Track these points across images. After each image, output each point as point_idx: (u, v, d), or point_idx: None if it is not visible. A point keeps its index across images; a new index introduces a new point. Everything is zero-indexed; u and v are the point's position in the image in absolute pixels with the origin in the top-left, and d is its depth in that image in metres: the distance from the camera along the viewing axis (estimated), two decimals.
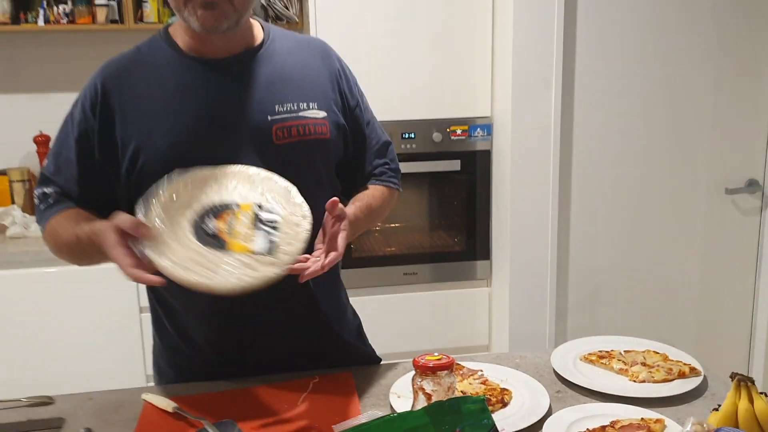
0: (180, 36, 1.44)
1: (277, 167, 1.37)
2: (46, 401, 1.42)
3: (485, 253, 2.97)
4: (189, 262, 1.16)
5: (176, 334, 1.53)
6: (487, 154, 2.88)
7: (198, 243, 1.19)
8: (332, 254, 1.27)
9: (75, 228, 1.36)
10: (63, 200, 1.44)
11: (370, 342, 1.71)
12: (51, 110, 3.06)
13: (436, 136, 2.82)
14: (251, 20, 1.47)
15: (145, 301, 2.56)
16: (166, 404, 1.35)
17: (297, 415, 1.32)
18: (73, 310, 2.73)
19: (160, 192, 1.25)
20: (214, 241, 1.20)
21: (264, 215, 1.25)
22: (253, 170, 1.33)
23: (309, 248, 1.27)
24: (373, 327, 1.74)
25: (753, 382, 1.20)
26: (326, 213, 1.30)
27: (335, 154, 1.51)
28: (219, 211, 1.25)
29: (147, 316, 1.68)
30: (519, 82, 2.67)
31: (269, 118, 1.40)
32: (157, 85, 1.40)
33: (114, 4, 2.92)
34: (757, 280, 3.02)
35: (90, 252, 1.31)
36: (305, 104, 1.44)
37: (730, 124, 2.90)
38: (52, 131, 2.96)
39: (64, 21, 2.92)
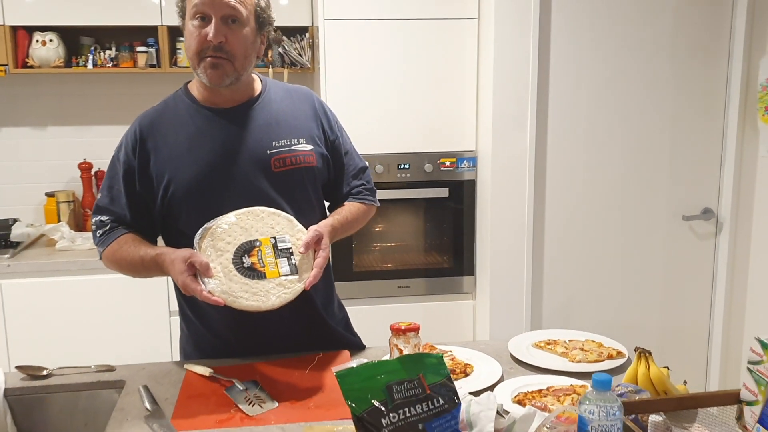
0: (196, 90, 1.80)
1: (277, 190, 1.75)
2: (109, 368, 1.77)
3: (470, 270, 3.21)
4: (242, 292, 1.57)
5: (200, 323, 1.86)
6: (472, 183, 3.14)
7: (244, 278, 1.59)
8: (320, 260, 1.65)
9: (138, 250, 1.69)
10: (117, 227, 1.77)
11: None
12: (94, 141, 3.52)
13: (428, 167, 3.09)
14: (252, 75, 1.83)
15: (174, 306, 2.94)
16: (204, 370, 1.71)
17: (306, 378, 1.69)
18: (113, 311, 3.04)
19: (204, 241, 1.63)
20: (254, 273, 1.60)
21: (280, 245, 1.64)
22: (258, 210, 1.67)
23: None
24: (370, 333, 2.02)
25: (650, 353, 1.56)
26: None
27: (320, 177, 1.86)
28: (248, 249, 1.63)
29: (175, 319, 2.03)
30: (499, 122, 2.95)
31: (268, 151, 1.76)
32: (181, 130, 1.76)
33: (153, 51, 3.28)
34: (713, 296, 3.26)
35: (151, 271, 1.69)
36: (296, 140, 1.79)
37: (687, 159, 3.15)
38: (95, 159, 3.42)
39: (110, 65, 3.29)
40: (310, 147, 1.81)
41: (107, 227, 1.77)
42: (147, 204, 1.77)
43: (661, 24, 3.05)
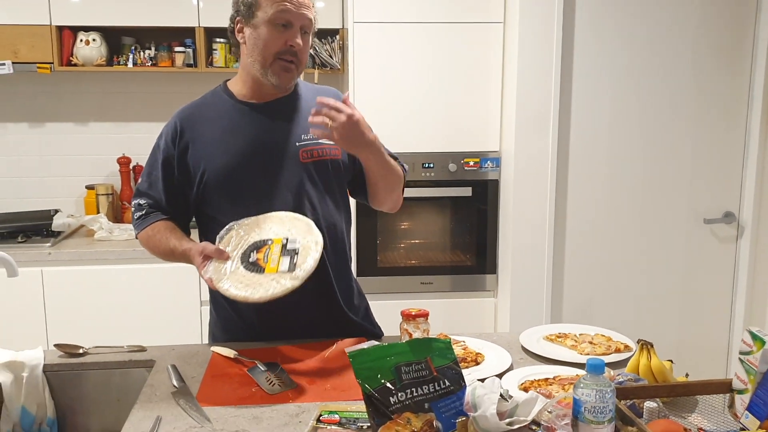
0: (235, 87, 1.92)
1: (304, 180, 1.85)
2: (141, 349, 1.87)
3: (492, 268, 3.26)
4: (236, 283, 1.67)
5: (229, 308, 1.96)
6: (495, 183, 3.20)
7: (245, 270, 1.69)
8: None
9: (169, 240, 1.84)
10: (154, 211, 1.90)
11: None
12: (133, 137, 3.66)
13: (452, 167, 3.16)
14: None
15: (204, 296, 3.06)
16: (229, 352, 1.81)
17: (324, 361, 1.78)
18: (147, 300, 3.15)
19: (225, 236, 1.77)
20: (255, 267, 1.70)
21: (289, 245, 1.73)
22: (283, 214, 1.79)
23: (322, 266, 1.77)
24: (392, 327, 1.98)
25: (652, 345, 1.62)
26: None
27: (345, 170, 1.97)
28: (260, 246, 1.74)
29: (206, 308, 2.13)
30: (522, 124, 3.01)
31: (297, 143, 1.87)
32: (217, 123, 1.88)
33: (190, 51, 3.39)
34: (733, 300, 3.27)
35: (179, 260, 1.85)
36: None
37: (709, 162, 3.17)
38: (133, 154, 3.56)
39: (149, 64, 3.41)
40: None
41: (143, 211, 1.91)
42: (183, 190, 1.89)
43: (685, 27, 3.08)
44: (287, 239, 1.74)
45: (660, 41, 3.08)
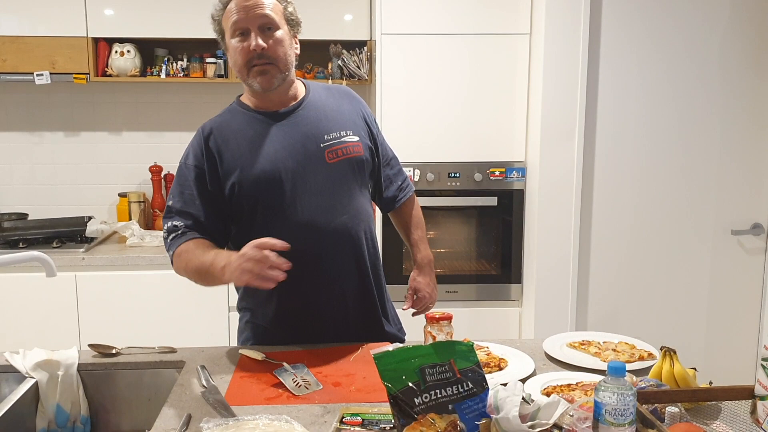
0: (248, 100, 1.97)
1: (332, 180, 1.89)
2: (171, 350, 1.92)
3: (518, 278, 3.27)
4: None
5: (260, 313, 2.00)
6: (521, 193, 3.22)
7: None
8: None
9: (202, 256, 1.76)
10: (189, 232, 1.85)
11: None
12: (165, 146, 3.73)
13: (478, 176, 3.19)
14: (296, 81, 1.99)
15: (232, 302, 3.10)
16: (257, 354, 1.84)
17: (350, 365, 1.81)
18: (177, 305, 3.21)
19: None
20: None
21: None
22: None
23: None
24: (417, 334, 2.02)
25: (675, 352, 1.63)
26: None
27: (367, 167, 2.01)
28: None
29: (234, 314, 2.16)
30: (548, 134, 3.04)
31: (321, 145, 1.91)
32: (242, 135, 1.91)
33: (221, 62, 3.46)
34: (761, 313, 3.24)
35: (212, 277, 1.74)
36: (344, 132, 1.94)
37: (737, 173, 3.16)
38: (165, 163, 3.63)
39: (181, 75, 3.48)
40: (356, 138, 1.96)
41: (179, 231, 1.85)
42: (219, 203, 1.89)
43: (712, 38, 3.08)
44: None
45: (687, 51, 3.08)
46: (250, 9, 1.81)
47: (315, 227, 1.88)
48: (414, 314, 2.12)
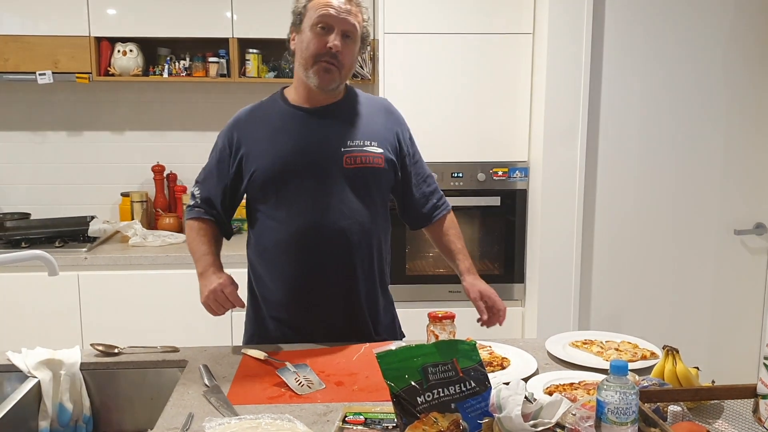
0: (290, 94, 2.02)
1: (346, 184, 1.92)
2: (174, 349, 1.93)
3: (521, 277, 3.27)
4: None
5: (264, 307, 2.05)
6: (524, 193, 3.22)
7: None
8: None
9: (198, 244, 1.98)
10: (201, 205, 2.01)
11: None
12: (167, 145, 3.73)
13: (481, 176, 3.19)
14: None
15: None
16: (259, 354, 1.85)
17: (352, 364, 1.81)
18: (179, 304, 3.19)
19: None
20: None
21: None
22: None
23: None
24: (420, 335, 2.04)
25: (678, 351, 1.63)
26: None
27: (386, 180, 2.02)
28: None
29: (236, 314, 2.21)
30: (550, 134, 3.03)
31: (342, 149, 1.94)
32: (268, 125, 1.98)
33: (223, 61, 3.45)
34: (764, 313, 3.23)
35: (196, 264, 1.99)
36: (368, 142, 1.97)
37: (740, 173, 3.16)
38: (167, 162, 3.63)
39: (183, 74, 3.48)
40: (380, 150, 1.98)
41: (193, 202, 2.04)
42: (234, 189, 2.01)
43: (715, 38, 3.07)
44: None
45: (690, 51, 3.08)
46: (342, 11, 1.88)
47: (316, 225, 1.92)
48: (490, 325, 2.10)
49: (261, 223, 1.99)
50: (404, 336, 2.14)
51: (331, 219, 1.93)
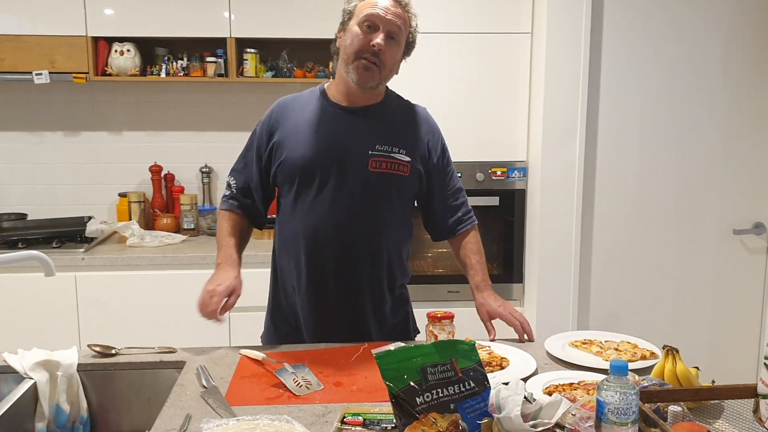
0: (331, 90, 2.04)
1: (368, 187, 1.93)
2: (171, 350, 1.92)
3: (519, 277, 3.27)
4: None
5: (287, 304, 2.08)
6: (522, 193, 3.21)
7: None
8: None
9: (223, 236, 2.04)
10: (236, 196, 2.07)
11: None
12: (165, 145, 3.72)
13: (479, 176, 3.18)
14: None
15: None
16: (257, 355, 1.84)
17: (351, 365, 1.80)
18: (177, 305, 3.16)
19: None
20: None
21: None
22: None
23: None
24: (420, 335, 2.12)
25: (677, 351, 1.62)
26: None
27: (410, 189, 2.03)
28: None
29: (235, 314, 2.24)
30: (549, 134, 3.03)
31: (369, 152, 1.95)
32: (303, 117, 2.00)
33: (221, 61, 3.45)
34: (763, 312, 3.23)
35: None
36: (397, 149, 1.97)
37: (738, 172, 3.15)
38: (165, 162, 3.62)
39: (181, 74, 3.47)
40: (408, 159, 1.99)
41: (229, 192, 2.10)
42: (268, 171, 2.04)
43: (714, 37, 3.07)
44: None
45: (689, 51, 3.07)
46: (390, 12, 1.91)
47: (326, 222, 1.95)
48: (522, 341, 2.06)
49: (282, 212, 2.04)
50: (418, 332, 2.16)
51: (342, 218, 1.94)
